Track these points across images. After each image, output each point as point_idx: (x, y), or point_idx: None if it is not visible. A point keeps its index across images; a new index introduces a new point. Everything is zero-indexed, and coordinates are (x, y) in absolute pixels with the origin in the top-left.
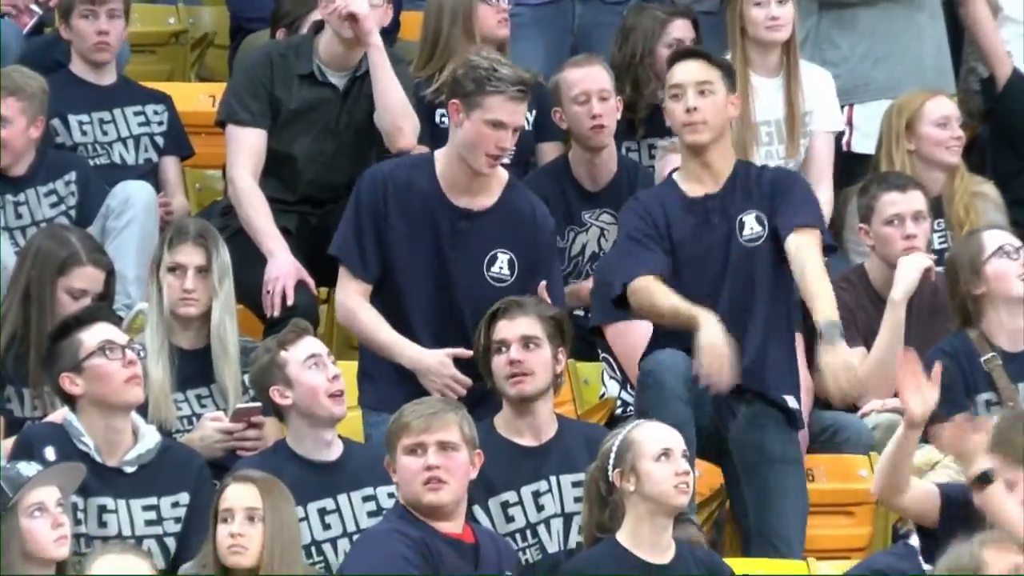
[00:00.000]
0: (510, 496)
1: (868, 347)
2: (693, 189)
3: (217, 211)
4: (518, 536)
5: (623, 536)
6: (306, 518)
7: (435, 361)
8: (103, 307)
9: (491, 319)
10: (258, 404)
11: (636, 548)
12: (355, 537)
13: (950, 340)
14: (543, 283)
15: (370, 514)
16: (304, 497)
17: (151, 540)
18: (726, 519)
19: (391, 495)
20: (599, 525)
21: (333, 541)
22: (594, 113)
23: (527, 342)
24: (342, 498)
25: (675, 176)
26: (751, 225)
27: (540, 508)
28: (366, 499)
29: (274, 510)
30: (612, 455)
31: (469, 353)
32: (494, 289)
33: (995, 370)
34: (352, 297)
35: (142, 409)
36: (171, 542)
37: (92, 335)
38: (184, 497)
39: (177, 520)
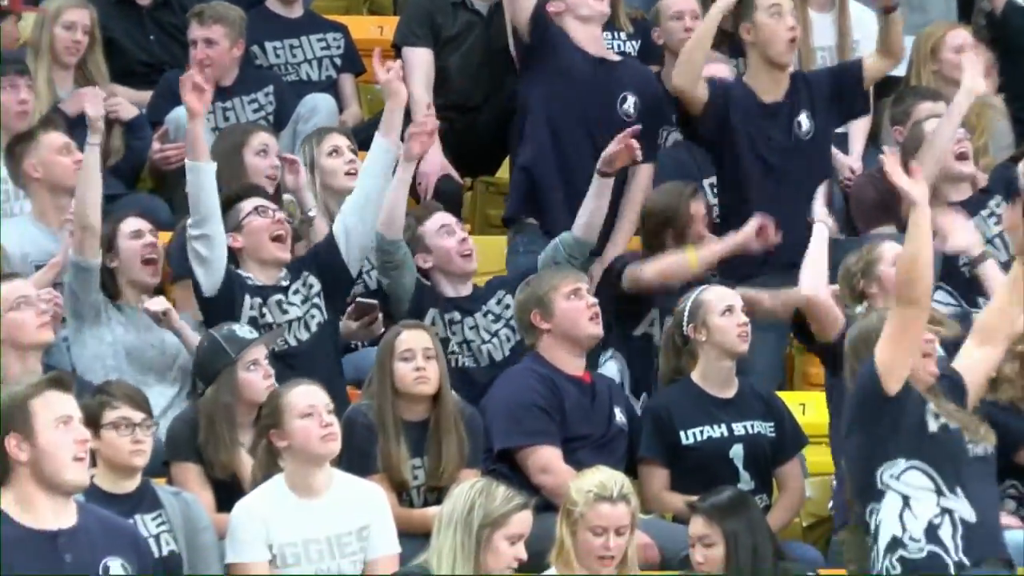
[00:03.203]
0: None
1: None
2: (767, 95)
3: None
4: None
5: (696, 376)
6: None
7: None
8: (258, 187)
9: None
10: (375, 302)
11: (706, 386)
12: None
13: None
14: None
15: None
16: None
17: (314, 310)
18: (787, 357)
19: None
20: (675, 369)
21: None
22: (687, 27)
23: None
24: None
25: (748, 82)
26: (804, 122)
27: None
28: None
29: (439, 350)
30: (686, 313)
31: None
32: (624, 124)
33: None
34: None
35: None
36: (321, 309)
37: (249, 202)
38: (312, 278)
39: (317, 292)
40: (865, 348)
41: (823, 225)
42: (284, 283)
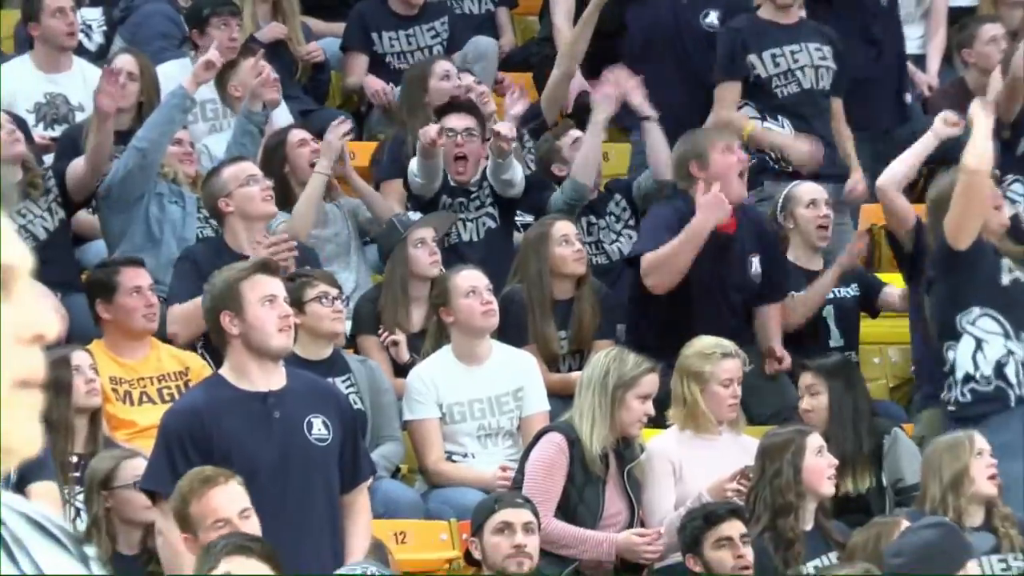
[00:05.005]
0: None
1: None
2: None
3: (534, 42)
4: None
5: (790, 255)
6: None
7: None
8: (460, 105)
9: None
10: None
11: (799, 261)
12: None
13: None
14: None
15: None
16: None
17: (486, 217)
18: (874, 245)
19: None
20: None
21: None
22: None
23: None
24: None
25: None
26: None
27: None
28: None
29: None
30: (780, 203)
31: None
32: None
33: None
34: None
35: None
36: (494, 217)
37: (451, 120)
38: (489, 189)
39: (491, 202)
40: (945, 204)
41: (932, 134)
42: (472, 189)
